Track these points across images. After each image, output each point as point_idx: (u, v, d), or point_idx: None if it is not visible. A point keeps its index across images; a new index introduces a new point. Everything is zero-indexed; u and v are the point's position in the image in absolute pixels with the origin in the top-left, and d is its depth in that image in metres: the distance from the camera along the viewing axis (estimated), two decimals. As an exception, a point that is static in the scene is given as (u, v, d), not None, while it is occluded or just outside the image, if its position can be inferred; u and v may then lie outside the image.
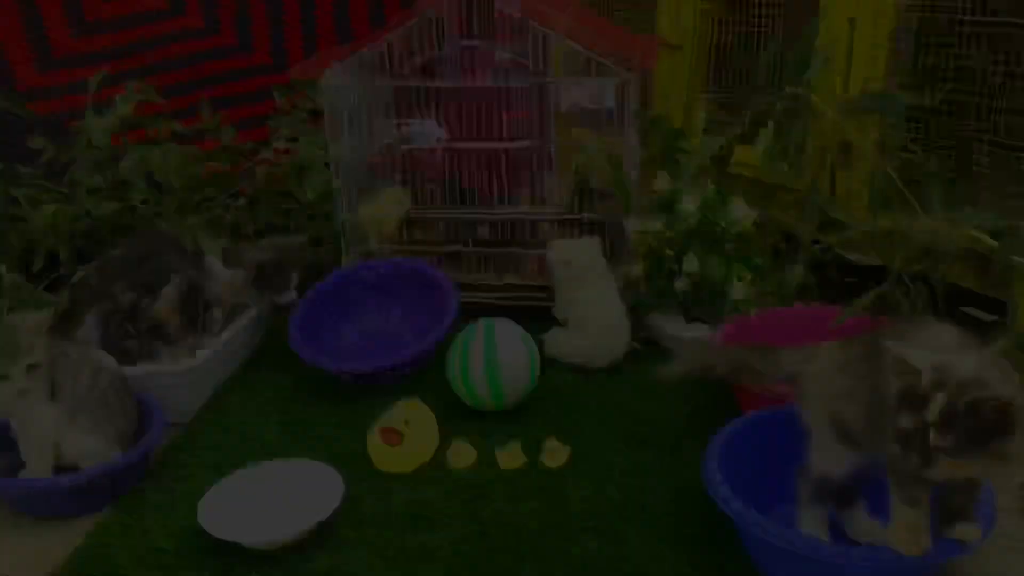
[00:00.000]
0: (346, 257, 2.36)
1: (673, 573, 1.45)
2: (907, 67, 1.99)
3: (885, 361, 1.30)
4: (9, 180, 2.28)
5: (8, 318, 1.94)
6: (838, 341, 1.46)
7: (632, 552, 1.50)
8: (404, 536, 1.57)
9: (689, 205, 2.00)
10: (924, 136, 1.98)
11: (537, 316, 2.25)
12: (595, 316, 2.04)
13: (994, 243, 1.80)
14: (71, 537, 1.64)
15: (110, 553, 1.57)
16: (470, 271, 2.35)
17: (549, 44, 2.32)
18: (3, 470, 1.76)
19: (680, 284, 2.07)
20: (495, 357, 1.85)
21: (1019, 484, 1.60)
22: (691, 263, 2.01)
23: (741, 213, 2.00)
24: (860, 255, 1.94)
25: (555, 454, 1.75)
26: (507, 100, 2.47)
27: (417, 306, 2.25)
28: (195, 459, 1.83)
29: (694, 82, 2.46)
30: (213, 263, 2.15)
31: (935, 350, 1.23)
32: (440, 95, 2.33)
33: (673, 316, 2.16)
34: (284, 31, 2.71)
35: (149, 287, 2.04)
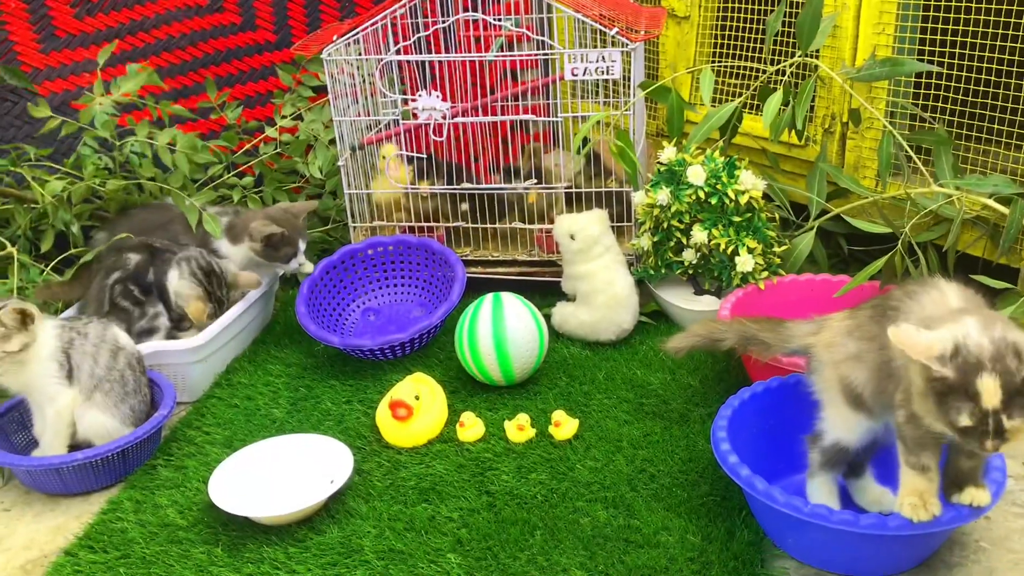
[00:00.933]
0: (353, 233, 2.36)
1: (681, 542, 1.45)
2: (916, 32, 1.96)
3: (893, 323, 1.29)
4: (16, 159, 2.28)
5: None
6: (847, 310, 1.46)
7: (641, 522, 1.50)
8: (414, 509, 1.58)
9: (696, 176, 1.98)
10: (934, 103, 1.96)
11: (545, 290, 2.25)
12: (602, 290, 2.03)
13: (1005, 210, 1.79)
14: (84, 513, 1.66)
15: (123, 528, 1.58)
16: (476, 246, 2.35)
17: (554, 15, 2.30)
18: (18, 447, 1.78)
19: (688, 256, 2.06)
20: (503, 332, 1.85)
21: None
22: (699, 234, 2.00)
23: (749, 183, 1.98)
24: (869, 223, 1.92)
25: (563, 426, 1.75)
26: (512, 72, 2.46)
27: (424, 281, 2.25)
28: (205, 435, 1.84)
29: (701, 52, 2.44)
30: (220, 246, 2.17)
31: (939, 318, 1.22)
32: (444, 68, 2.32)
33: (681, 288, 2.15)
34: (287, 8, 2.70)
35: (156, 253, 2.07)
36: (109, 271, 2.06)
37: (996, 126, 1.87)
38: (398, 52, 2.20)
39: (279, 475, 1.65)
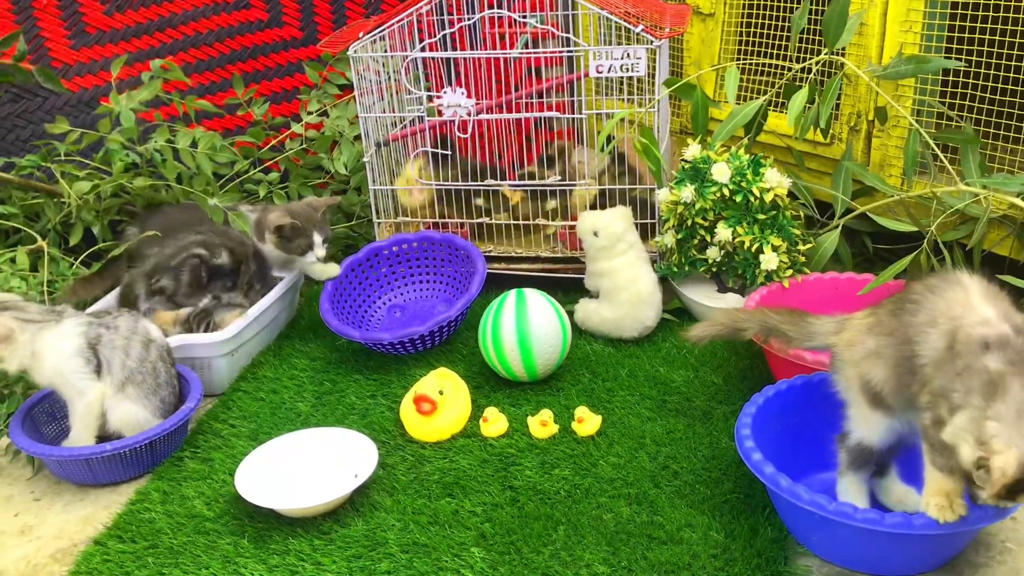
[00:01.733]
0: (377, 229, 2.37)
1: (705, 539, 1.45)
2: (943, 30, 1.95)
3: (916, 317, 1.29)
4: (46, 155, 2.32)
5: None
6: (869, 308, 1.45)
7: (664, 519, 1.50)
8: (438, 503, 1.59)
9: (721, 173, 1.98)
10: (961, 101, 1.95)
11: (568, 287, 2.25)
12: (625, 287, 2.04)
13: (1032, 209, 1.77)
14: (113, 503, 1.68)
15: (151, 519, 1.60)
16: (500, 243, 2.35)
17: (579, 11, 2.30)
18: (48, 438, 1.81)
19: (712, 253, 2.06)
20: (526, 328, 1.86)
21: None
22: (723, 232, 2.00)
23: (774, 181, 1.98)
24: (894, 222, 1.91)
25: (586, 423, 1.76)
26: (536, 69, 2.46)
27: (449, 277, 2.27)
28: (231, 428, 1.86)
29: (726, 49, 2.44)
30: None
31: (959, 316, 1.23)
32: (469, 65, 2.33)
33: (705, 286, 2.15)
34: (313, 4, 2.72)
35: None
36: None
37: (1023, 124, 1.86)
38: (423, 49, 2.21)
39: (304, 468, 1.67)
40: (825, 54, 2.00)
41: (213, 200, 2.18)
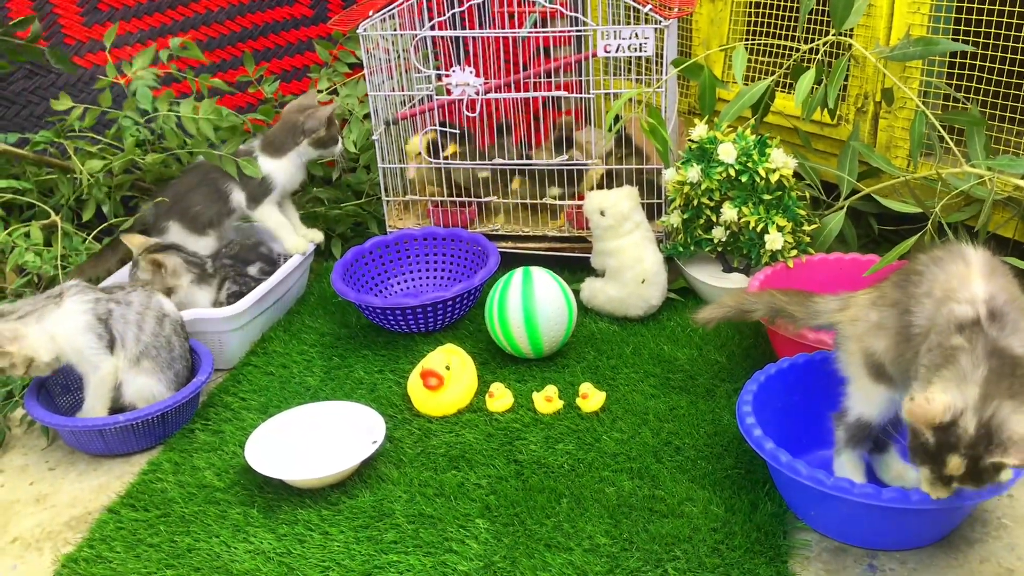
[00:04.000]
0: (386, 207, 2.39)
1: (705, 513, 1.48)
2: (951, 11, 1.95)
3: (918, 288, 1.31)
4: (60, 131, 2.34)
5: None
6: (873, 286, 1.47)
7: (666, 492, 1.53)
8: (444, 475, 1.62)
9: (727, 154, 1.99)
10: (967, 83, 1.95)
11: (574, 265, 2.27)
12: (631, 266, 2.05)
13: (1037, 191, 1.78)
14: (126, 473, 1.72)
15: (163, 488, 1.64)
16: (507, 221, 2.37)
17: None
18: (63, 409, 1.84)
19: (717, 233, 2.08)
20: (532, 305, 1.88)
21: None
22: (729, 212, 2.02)
23: (780, 161, 1.99)
24: (899, 203, 1.93)
25: (591, 399, 1.78)
26: (545, 49, 2.47)
27: (456, 272, 2.29)
28: (241, 401, 1.89)
29: (735, 29, 2.44)
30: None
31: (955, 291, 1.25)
32: (477, 44, 2.34)
33: (710, 265, 2.17)
34: (324, -18, 2.74)
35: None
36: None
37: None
38: (432, 28, 2.22)
39: (313, 440, 1.70)
40: (833, 35, 2.01)
41: (221, 153, 2.19)
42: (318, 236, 2.31)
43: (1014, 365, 1.20)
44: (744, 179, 1.99)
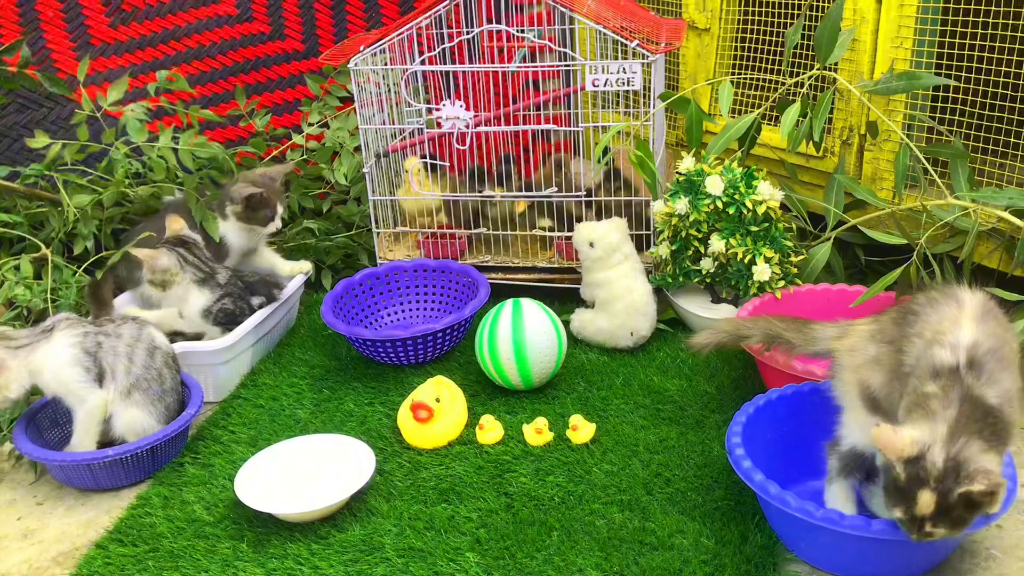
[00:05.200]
0: (377, 238, 2.40)
1: (696, 545, 1.48)
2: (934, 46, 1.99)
3: (912, 328, 1.32)
4: (50, 164, 2.35)
5: None
6: (872, 316, 1.48)
7: (656, 525, 1.53)
8: (434, 508, 1.61)
9: (715, 186, 2.01)
10: (950, 116, 1.98)
11: (564, 297, 2.28)
12: (621, 297, 2.06)
13: (1020, 222, 1.80)
14: (114, 508, 1.71)
15: (151, 523, 1.63)
16: (496, 253, 2.38)
17: (576, 26, 2.34)
18: (51, 443, 1.84)
19: (705, 264, 2.09)
20: (522, 337, 1.89)
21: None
22: (716, 243, 2.03)
23: (767, 193, 2.01)
24: (885, 235, 1.95)
25: (581, 431, 1.78)
26: (534, 82, 2.49)
27: (447, 303, 2.29)
28: (231, 434, 1.88)
29: (721, 64, 2.47)
30: None
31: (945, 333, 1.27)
32: (468, 78, 2.36)
33: (699, 296, 2.18)
34: (315, 18, 2.76)
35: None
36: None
37: (1012, 139, 1.89)
38: (423, 62, 2.25)
39: (303, 474, 1.69)
40: (818, 69, 2.04)
41: (199, 201, 2.20)
42: (306, 266, 2.32)
43: (985, 413, 1.22)
44: (731, 211, 2.01)
